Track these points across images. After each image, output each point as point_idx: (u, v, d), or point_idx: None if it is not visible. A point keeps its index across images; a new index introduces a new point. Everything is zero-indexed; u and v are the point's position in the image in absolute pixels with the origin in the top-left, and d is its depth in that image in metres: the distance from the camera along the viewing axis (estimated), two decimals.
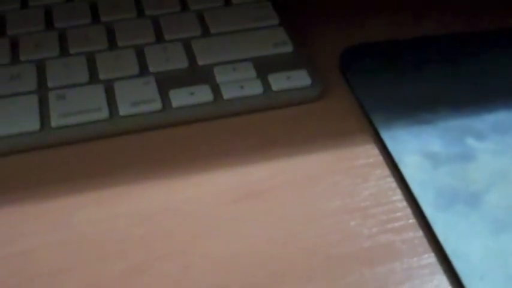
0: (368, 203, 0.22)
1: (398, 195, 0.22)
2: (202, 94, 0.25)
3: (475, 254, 0.20)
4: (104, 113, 0.24)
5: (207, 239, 0.21)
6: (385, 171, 0.23)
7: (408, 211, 0.22)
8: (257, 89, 0.25)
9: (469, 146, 0.24)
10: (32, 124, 0.23)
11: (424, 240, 0.21)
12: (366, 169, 0.23)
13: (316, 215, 0.21)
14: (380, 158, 0.24)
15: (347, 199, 0.22)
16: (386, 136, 0.24)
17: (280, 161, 0.23)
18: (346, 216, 0.21)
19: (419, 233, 0.21)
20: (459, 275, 0.19)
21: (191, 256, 0.20)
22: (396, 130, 0.24)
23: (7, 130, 0.23)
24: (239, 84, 0.25)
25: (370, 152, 0.24)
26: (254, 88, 0.25)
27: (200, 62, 0.26)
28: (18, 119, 0.23)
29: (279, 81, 0.25)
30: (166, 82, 0.25)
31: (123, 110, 0.24)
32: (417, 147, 0.24)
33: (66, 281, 0.19)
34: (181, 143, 0.24)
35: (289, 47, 0.27)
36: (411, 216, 0.22)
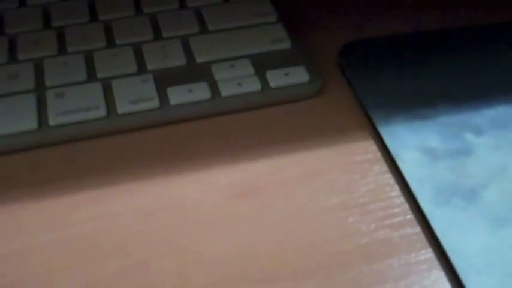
0: (366, 199, 0.22)
1: (396, 191, 0.22)
2: (200, 91, 0.25)
3: (473, 250, 0.20)
4: (102, 111, 0.24)
5: (206, 236, 0.21)
6: (384, 167, 0.23)
7: (406, 207, 0.22)
8: (255, 86, 0.25)
9: (467, 141, 0.24)
10: (30, 123, 0.23)
11: (422, 235, 0.21)
12: (364, 165, 0.23)
13: (314, 212, 0.21)
14: (378, 154, 0.24)
15: (345, 195, 0.22)
16: (384, 132, 0.24)
17: (278, 158, 0.23)
18: (344, 212, 0.21)
19: (417, 229, 0.21)
20: (456, 271, 0.19)
21: (190, 253, 0.20)
22: (394, 126, 0.24)
23: (5, 129, 0.23)
24: (237, 81, 0.25)
25: (368, 148, 0.24)
26: (252, 85, 0.25)
27: (198, 60, 0.26)
28: (16, 118, 0.23)
29: (277, 77, 0.25)
30: (164, 80, 0.25)
31: (121, 108, 0.24)
32: (415, 142, 0.24)
33: (64, 279, 0.19)
34: (179, 141, 0.24)
35: (287, 44, 0.27)
36: (409, 212, 0.22)
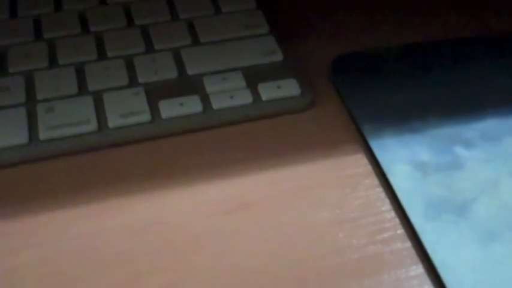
0: (357, 214, 0.22)
1: (387, 205, 0.22)
2: (191, 105, 0.25)
3: (463, 265, 0.20)
4: (93, 125, 0.24)
5: (198, 251, 0.21)
6: (374, 180, 0.23)
7: (397, 221, 0.22)
8: (247, 99, 0.25)
9: (458, 155, 0.24)
10: (21, 137, 0.23)
11: (413, 251, 0.21)
12: (355, 179, 0.23)
13: (305, 227, 0.21)
14: (369, 168, 0.24)
15: (336, 210, 0.22)
16: (375, 145, 0.24)
17: (269, 172, 0.23)
18: (335, 227, 0.22)
19: (407, 244, 0.21)
20: (446, 286, 0.20)
21: (181, 269, 0.20)
22: (385, 139, 0.24)
23: None
24: (229, 94, 0.25)
25: (359, 162, 0.24)
26: (244, 98, 0.25)
27: (190, 72, 0.26)
28: (6, 132, 0.23)
29: (269, 90, 0.25)
30: (155, 93, 0.25)
31: (112, 122, 0.24)
32: (406, 156, 0.24)
33: None
34: (171, 155, 0.24)
35: (279, 56, 0.27)
36: (400, 226, 0.22)
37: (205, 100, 0.25)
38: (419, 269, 0.20)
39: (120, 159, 0.24)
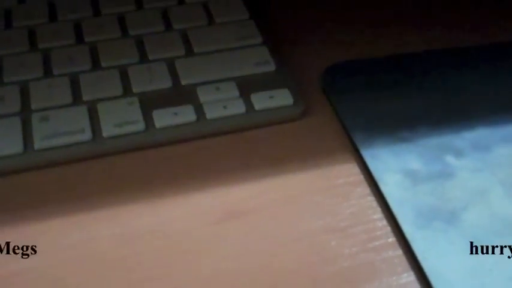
0: (348, 222, 0.22)
1: (378, 213, 0.23)
2: (185, 114, 0.25)
3: (453, 273, 0.20)
4: (87, 135, 0.24)
5: (190, 260, 0.21)
6: (366, 189, 0.23)
7: (388, 229, 0.22)
8: (240, 109, 0.25)
9: (448, 164, 0.24)
10: (15, 147, 0.23)
11: (404, 258, 0.21)
12: (347, 188, 0.23)
13: (297, 235, 0.22)
14: (361, 177, 0.24)
15: (328, 218, 0.22)
16: (366, 154, 0.24)
17: (262, 181, 0.24)
18: (327, 236, 0.22)
19: (398, 252, 0.21)
20: None
21: (174, 277, 0.20)
22: (377, 148, 0.24)
23: None
24: (222, 103, 0.25)
25: (351, 171, 0.24)
26: (237, 108, 0.25)
27: (184, 82, 0.26)
28: (1, 142, 0.23)
29: (262, 100, 0.26)
30: (149, 102, 0.25)
31: (106, 132, 0.24)
32: (397, 165, 0.24)
33: None
34: (164, 164, 0.24)
35: (271, 66, 0.27)
36: (391, 234, 0.22)
37: (198, 110, 0.25)
38: (410, 277, 0.21)
39: (114, 168, 0.24)
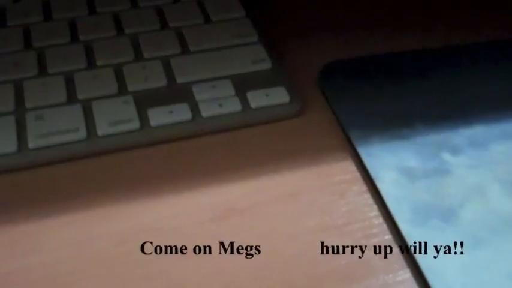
0: (345, 220, 0.22)
1: (375, 211, 0.23)
2: (181, 112, 0.25)
3: (450, 270, 0.20)
4: (82, 134, 0.24)
5: (186, 260, 0.21)
6: (362, 187, 0.23)
7: (384, 227, 0.22)
8: (236, 107, 0.25)
9: (445, 161, 0.24)
10: (10, 145, 0.23)
11: (400, 256, 0.21)
12: (343, 185, 0.23)
13: (294, 233, 0.22)
14: (357, 174, 0.24)
15: (325, 216, 0.22)
16: (363, 152, 0.24)
17: (258, 179, 0.23)
18: (323, 233, 0.22)
19: (395, 249, 0.21)
20: None
21: (170, 278, 0.20)
22: (373, 146, 0.24)
23: None
24: (218, 102, 0.25)
25: (347, 168, 0.24)
26: (233, 106, 0.25)
27: (179, 80, 0.26)
28: None
29: (258, 98, 0.26)
30: (144, 101, 0.25)
31: (101, 130, 0.24)
32: (394, 162, 0.24)
33: None
34: (159, 163, 0.24)
35: (267, 64, 0.27)
36: (387, 232, 0.22)
37: (194, 108, 0.25)
38: (406, 274, 0.21)
39: (109, 167, 0.24)
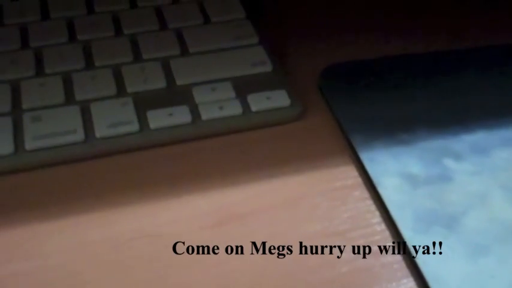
0: (347, 226, 0.22)
1: (377, 217, 0.22)
2: (180, 115, 0.24)
3: (453, 278, 0.20)
4: (80, 135, 0.23)
5: (185, 265, 0.20)
6: (364, 193, 0.23)
7: (387, 234, 0.22)
8: (236, 110, 0.25)
9: (447, 167, 0.24)
10: (6, 147, 0.22)
11: (403, 264, 0.21)
12: (345, 191, 0.23)
13: (295, 239, 0.21)
14: (359, 180, 0.24)
15: (326, 222, 0.22)
16: (365, 157, 0.24)
17: (259, 183, 0.23)
18: (325, 239, 0.21)
19: (398, 257, 0.21)
20: None
21: (168, 283, 0.20)
22: (375, 151, 0.24)
23: None
24: (218, 104, 0.25)
25: (349, 174, 0.24)
26: (233, 108, 0.25)
27: (179, 82, 0.26)
28: None
29: (258, 101, 0.25)
30: (144, 103, 0.25)
31: (99, 132, 0.23)
32: (396, 168, 0.24)
33: None
34: (158, 166, 0.23)
35: (268, 67, 0.27)
36: (390, 239, 0.22)
37: (194, 110, 0.25)
38: (410, 283, 0.20)
39: (107, 169, 0.23)
